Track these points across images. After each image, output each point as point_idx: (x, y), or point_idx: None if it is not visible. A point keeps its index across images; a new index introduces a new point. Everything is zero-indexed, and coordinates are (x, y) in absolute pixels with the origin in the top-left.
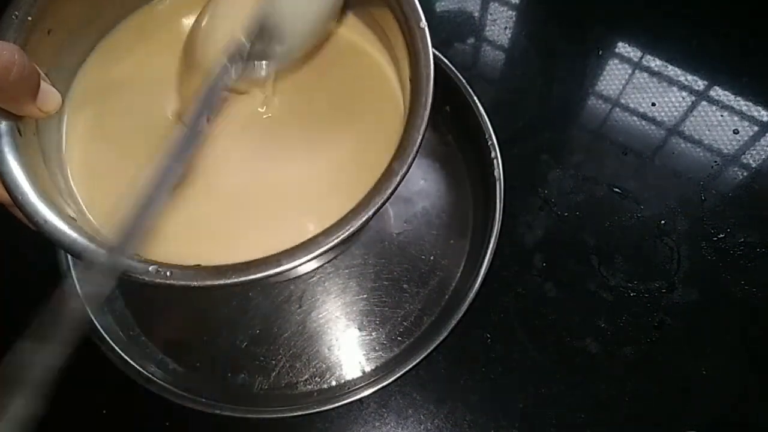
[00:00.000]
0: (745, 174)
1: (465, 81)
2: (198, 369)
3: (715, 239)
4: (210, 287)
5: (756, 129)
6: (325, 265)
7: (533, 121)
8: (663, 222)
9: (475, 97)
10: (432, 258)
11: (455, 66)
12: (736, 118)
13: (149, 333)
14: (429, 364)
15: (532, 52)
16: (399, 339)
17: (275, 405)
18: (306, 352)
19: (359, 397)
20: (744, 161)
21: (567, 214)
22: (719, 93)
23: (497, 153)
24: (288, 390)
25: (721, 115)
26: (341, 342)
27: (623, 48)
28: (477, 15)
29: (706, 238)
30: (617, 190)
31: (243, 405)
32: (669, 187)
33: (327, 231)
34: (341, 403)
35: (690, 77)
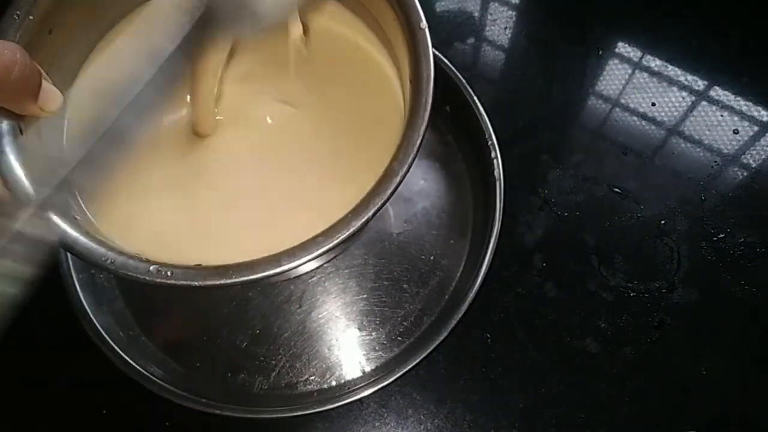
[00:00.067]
0: (745, 174)
1: (465, 81)
2: (198, 369)
3: (715, 239)
4: (210, 287)
5: (756, 129)
6: (325, 265)
7: (533, 121)
8: (663, 222)
9: (475, 97)
10: (432, 258)
11: (455, 66)
12: (736, 118)
13: (149, 333)
14: (429, 364)
15: (532, 52)
16: (399, 339)
17: (275, 405)
18: (306, 352)
19: (359, 397)
20: (744, 161)
21: (567, 214)
22: (719, 93)
23: (497, 153)
24: (288, 390)
25: (721, 115)
26: (341, 342)
27: (623, 48)
28: (477, 15)
29: (706, 238)
30: (617, 190)
31: (243, 405)
32: (669, 187)
33: (327, 231)
34: (341, 403)
35: (690, 77)
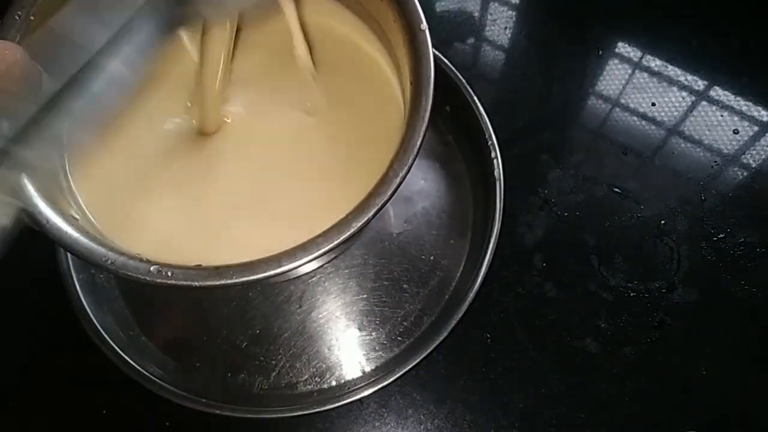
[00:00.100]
0: (745, 174)
1: (465, 81)
2: (198, 369)
3: (715, 239)
4: (211, 287)
5: (756, 129)
6: (325, 265)
7: (533, 121)
8: (663, 222)
9: (475, 97)
10: (432, 258)
11: (455, 66)
12: (736, 118)
13: (149, 333)
14: (429, 364)
15: (532, 52)
16: (399, 339)
17: (275, 405)
18: (306, 352)
19: (359, 397)
20: (744, 161)
21: (567, 214)
22: (719, 93)
23: (497, 153)
24: (288, 390)
25: (721, 115)
26: (341, 342)
27: (623, 48)
28: (477, 15)
29: (706, 238)
30: (617, 190)
31: (243, 405)
32: (669, 187)
33: (328, 232)
34: (341, 403)
35: (690, 77)
